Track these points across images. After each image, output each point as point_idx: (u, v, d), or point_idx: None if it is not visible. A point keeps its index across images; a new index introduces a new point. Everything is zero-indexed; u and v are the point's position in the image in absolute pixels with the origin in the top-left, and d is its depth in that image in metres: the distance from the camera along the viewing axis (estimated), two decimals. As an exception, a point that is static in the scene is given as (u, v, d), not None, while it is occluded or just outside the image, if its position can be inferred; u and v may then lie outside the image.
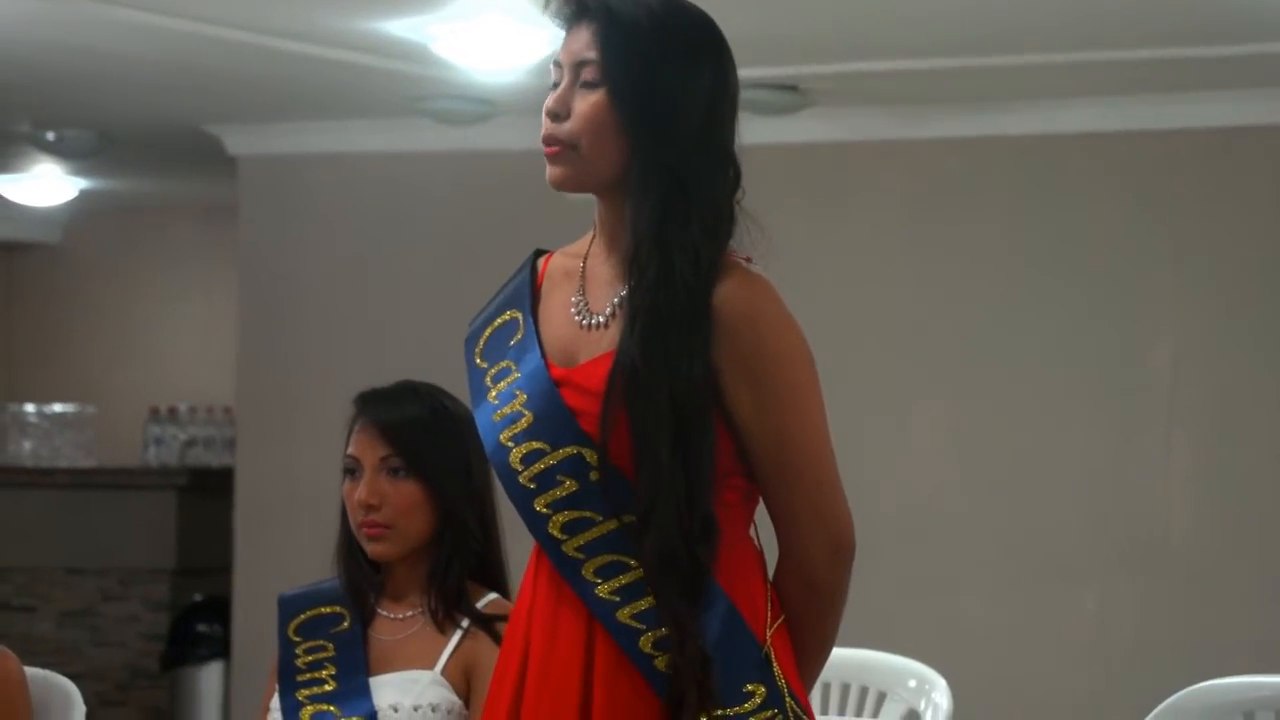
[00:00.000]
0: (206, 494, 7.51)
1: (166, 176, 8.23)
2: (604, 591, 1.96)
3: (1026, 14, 4.93)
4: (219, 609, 7.15)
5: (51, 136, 6.99)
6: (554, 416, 1.98)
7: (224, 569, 7.11)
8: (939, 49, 5.33)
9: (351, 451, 2.54)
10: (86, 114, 6.73)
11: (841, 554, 2.03)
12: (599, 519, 1.97)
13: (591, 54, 1.98)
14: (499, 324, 2.09)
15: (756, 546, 2.03)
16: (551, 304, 2.07)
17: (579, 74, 1.99)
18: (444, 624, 2.50)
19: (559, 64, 2.02)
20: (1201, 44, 5.17)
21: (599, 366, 1.99)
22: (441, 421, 2.53)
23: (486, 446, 2.04)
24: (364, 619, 2.53)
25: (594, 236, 2.08)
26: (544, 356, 2.02)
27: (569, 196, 2.08)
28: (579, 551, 1.97)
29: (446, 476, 2.51)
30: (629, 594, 1.95)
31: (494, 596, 2.56)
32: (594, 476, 1.97)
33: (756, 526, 2.03)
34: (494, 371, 2.06)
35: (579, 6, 2.01)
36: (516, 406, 2.01)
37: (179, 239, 9.42)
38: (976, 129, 6.13)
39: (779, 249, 2.13)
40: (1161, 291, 5.99)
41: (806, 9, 4.93)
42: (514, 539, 2.43)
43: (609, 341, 2.00)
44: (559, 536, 1.98)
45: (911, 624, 5.53)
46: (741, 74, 2.08)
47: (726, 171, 2.01)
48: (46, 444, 8.24)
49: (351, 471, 2.54)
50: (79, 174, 8.19)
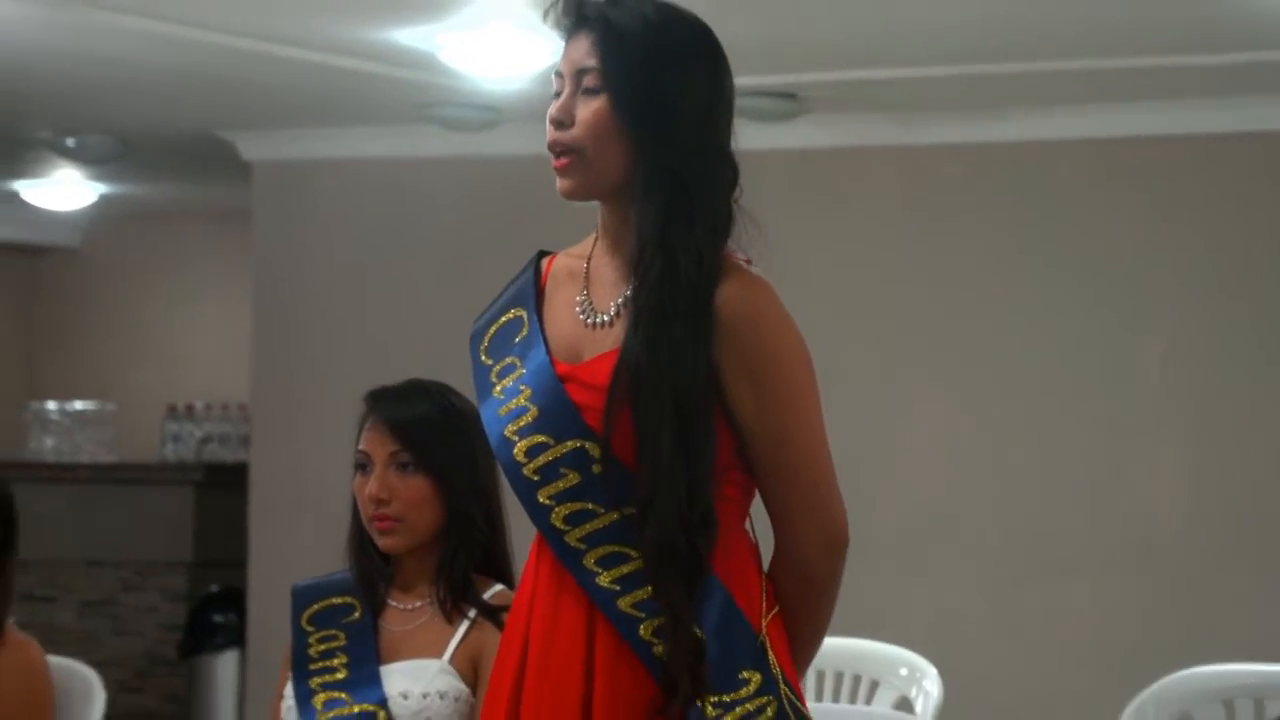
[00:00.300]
0: (222, 489, 7.52)
1: (183, 181, 8.23)
2: (605, 581, 1.96)
3: (1019, 23, 4.93)
4: (234, 599, 7.17)
5: (72, 143, 7.00)
6: (559, 411, 1.99)
7: (239, 561, 7.12)
8: (933, 57, 5.34)
9: (362, 447, 2.55)
10: (106, 121, 6.74)
11: (836, 548, 2.04)
12: (600, 510, 1.97)
13: (592, 62, 1.99)
14: (504, 322, 2.09)
15: (752, 539, 2.04)
16: (556, 303, 2.07)
17: (580, 81, 2.00)
18: (452, 614, 2.50)
19: (560, 73, 2.03)
20: (1189, 53, 5.17)
21: (604, 363, 1.99)
22: (449, 418, 2.54)
23: (491, 440, 2.05)
24: (374, 609, 2.54)
25: (596, 239, 2.08)
26: (549, 353, 2.02)
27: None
28: (581, 542, 1.98)
29: (454, 471, 2.52)
30: (629, 583, 1.96)
31: (500, 588, 2.56)
32: (596, 470, 1.97)
33: (752, 520, 2.04)
34: (499, 368, 2.06)
35: (578, 16, 2.01)
36: (521, 401, 2.02)
37: (195, 242, 9.43)
38: (971, 135, 6.13)
39: (778, 252, 2.14)
40: (1152, 293, 5.98)
41: (804, 19, 4.93)
42: (518, 531, 2.44)
43: (613, 339, 2.00)
44: (561, 527, 1.98)
45: (904, 616, 5.54)
46: (741, 82, 2.09)
47: (725, 172, 2.01)
48: (68, 440, 8.25)
49: (362, 467, 2.55)
50: (99, 179, 8.20)
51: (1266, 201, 5.88)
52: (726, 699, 1.93)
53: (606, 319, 2.02)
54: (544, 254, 2.15)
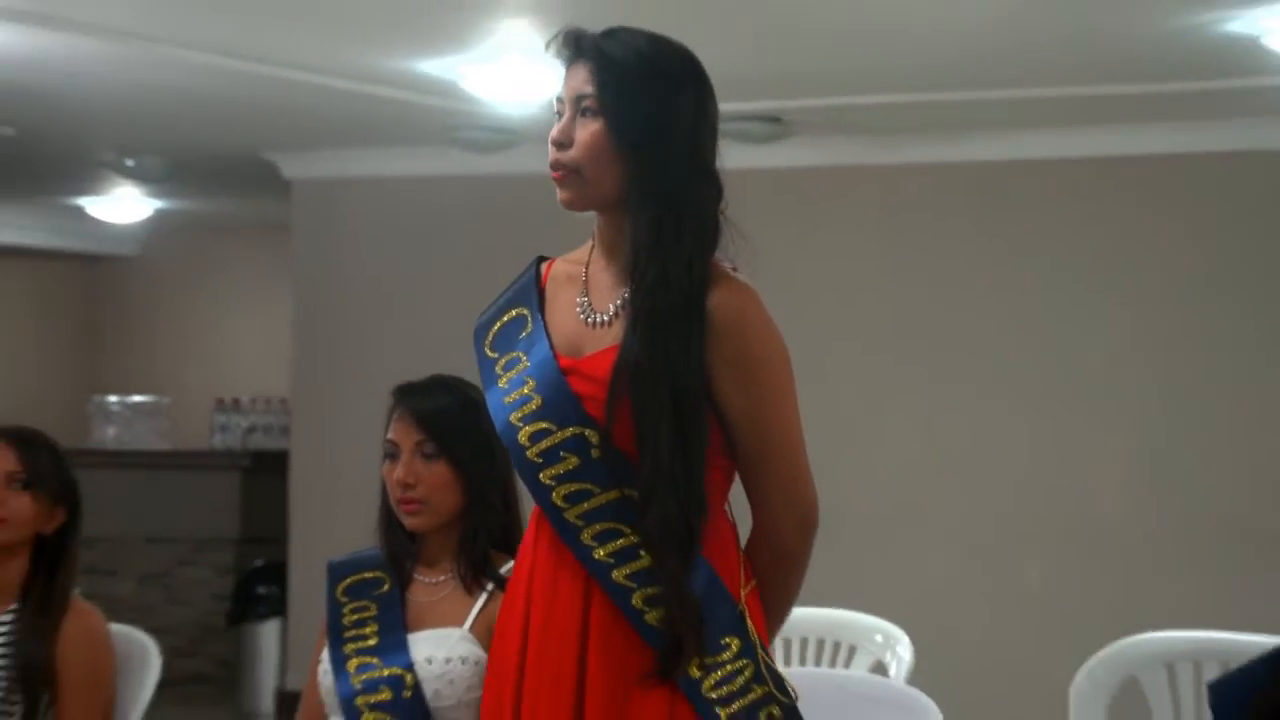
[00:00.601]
0: (265, 474, 7.52)
1: (229, 197, 8.24)
2: (600, 554, 1.96)
3: (980, 55, 4.94)
4: (277, 573, 7.17)
5: (130, 163, 7.00)
6: (561, 401, 1.98)
7: (281, 538, 7.12)
8: (904, 85, 5.34)
9: (390, 437, 2.54)
10: (161, 143, 6.74)
11: (808, 528, 2.03)
12: (597, 490, 1.97)
13: (589, 89, 1.98)
14: (507, 319, 2.09)
15: (731, 520, 2.03)
16: (557, 303, 2.07)
17: (579, 106, 1.99)
18: (472, 587, 2.50)
19: (561, 99, 2.02)
20: (1133, 81, 5.19)
21: (604, 358, 1.98)
22: (469, 411, 2.53)
23: (497, 425, 2.04)
24: (402, 583, 2.53)
25: (593, 246, 2.08)
26: (552, 348, 2.02)
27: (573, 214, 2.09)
28: (579, 519, 1.97)
29: (473, 458, 2.51)
30: (622, 557, 1.95)
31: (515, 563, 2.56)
32: (594, 454, 1.96)
33: (731, 502, 2.03)
34: (504, 360, 2.06)
35: (577, 48, 2.01)
36: (526, 391, 2.01)
37: (240, 251, 9.43)
38: (937, 155, 6.13)
39: (766, 261, 2.13)
40: (1099, 300, 5.99)
41: (788, 51, 4.93)
42: (526, 511, 2.44)
43: (612, 337, 2.00)
44: (561, 505, 1.98)
45: (879, 588, 5.54)
46: (731, 107, 2.08)
47: (711, 188, 2.00)
48: (127, 430, 8.26)
49: (391, 454, 2.54)
50: (154, 195, 8.20)
51: (1198, 216, 5.89)
52: (709, 661, 1.93)
53: (605, 319, 2.02)
54: (542, 259, 2.14)
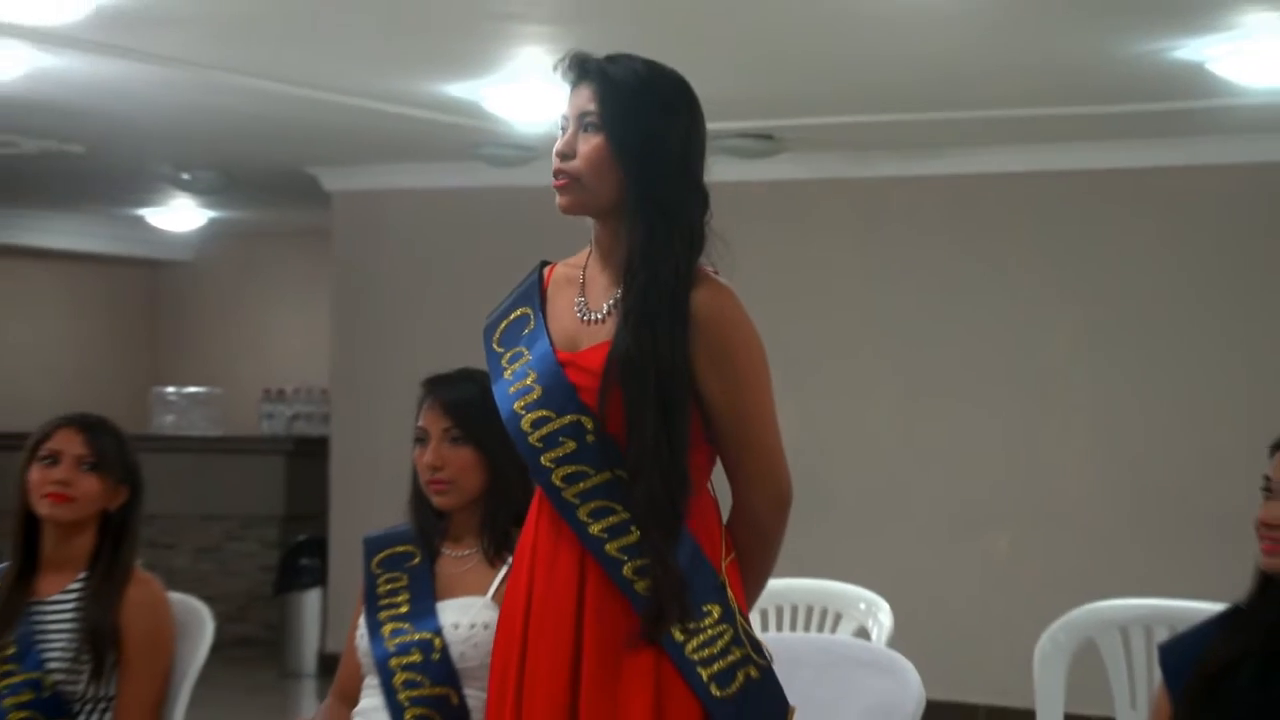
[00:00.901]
0: (308, 457, 7.52)
1: (275, 208, 8.24)
2: (595, 530, 1.95)
3: (953, 79, 4.93)
4: (318, 547, 7.17)
5: (186, 176, 7.01)
6: (559, 390, 1.98)
7: (321, 516, 7.13)
8: (884, 106, 5.33)
9: (421, 424, 2.54)
10: (214, 159, 6.75)
11: (782, 505, 2.02)
12: (591, 472, 1.96)
13: (592, 107, 1.98)
14: (513, 318, 2.08)
15: (713, 497, 2.03)
16: (557, 303, 2.06)
17: (582, 122, 1.99)
18: (494, 560, 2.49)
19: (565, 117, 2.02)
20: (1091, 103, 5.18)
21: (598, 352, 1.98)
22: (491, 400, 2.53)
23: (502, 413, 2.03)
24: (431, 556, 2.52)
25: (590, 251, 2.07)
26: (552, 344, 2.02)
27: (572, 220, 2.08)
28: (575, 498, 1.96)
29: (495, 444, 2.49)
30: (615, 532, 1.94)
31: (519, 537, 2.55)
32: (589, 439, 1.95)
33: (713, 482, 2.03)
34: (509, 355, 2.05)
35: (581, 70, 2.01)
36: (528, 382, 2.00)
37: (285, 257, 9.44)
38: (914, 170, 6.12)
39: (760, 261, 2.13)
40: (1061, 301, 5.98)
41: (780, 77, 4.93)
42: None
43: (606, 333, 1.99)
44: (559, 485, 1.97)
45: (863, 562, 5.53)
46: (727, 126, 2.08)
47: (699, 199, 2.00)
48: (184, 418, 8.27)
49: (421, 440, 2.53)
50: (208, 206, 8.21)
51: (1151, 225, 5.88)
52: (692, 626, 1.92)
53: (600, 316, 2.01)
54: (545, 263, 2.14)
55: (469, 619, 2.43)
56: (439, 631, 2.42)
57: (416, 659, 2.41)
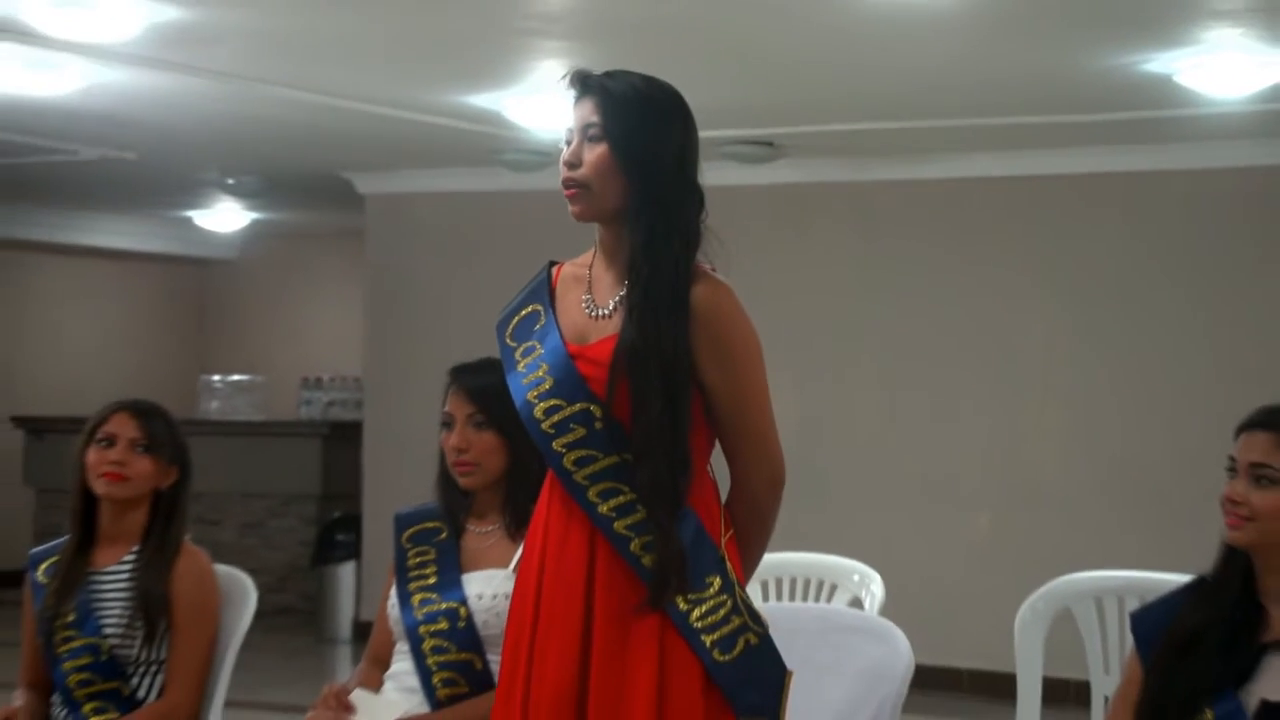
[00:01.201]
0: (343, 440, 7.53)
1: (313, 209, 8.25)
2: (604, 509, 1.96)
3: (941, 89, 4.92)
4: (352, 523, 7.18)
5: (230, 181, 7.02)
6: (570, 381, 1.98)
7: (355, 494, 7.14)
8: (878, 115, 5.32)
9: (447, 409, 2.53)
10: (256, 164, 6.76)
11: (776, 485, 2.02)
12: (600, 456, 1.96)
13: (595, 118, 1.99)
14: (524, 314, 2.09)
15: (713, 478, 2.03)
16: (566, 300, 2.07)
17: (586, 133, 2.00)
18: (515, 536, 2.49)
19: (570, 129, 2.03)
20: (1068, 112, 5.17)
21: (606, 345, 1.98)
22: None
23: (516, 403, 2.03)
24: (457, 532, 2.52)
25: (595, 252, 2.08)
26: (562, 338, 2.02)
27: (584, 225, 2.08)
28: (585, 480, 1.97)
29: (517, 428, 2.49)
30: (622, 511, 1.95)
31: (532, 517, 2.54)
32: (598, 425, 1.96)
33: (713, 465, 2.03)
34: (522, 349, 2.06)
35: (583, 85, 2.02)
36: (541, 374, 2.01)
37: (322, 255, 9.44)
38: (905, 174, 6.11)
39: (759, 259, 2.13)
40: (1040, 296, 5.97)
41: (779, 85, 4.92)
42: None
43: (613, 327, 1.99)
44: (570, 468, 1.98)
45: (856, 538, 5.54)
46: (729, 133, 2.08)
47: (695, 200, 2.00)
48: (229, 404, 8.28)
49: (447, 424, 2.53)
50: (250, 208, 8.22)
51: (1124, 226, 5.87)
52: (694, 597, 1.93)
53: (606, 312, 2.01)
54: (553, 263, 2.14)
55: (492, 590, 2.43)
56: (464, 601, 2.42)
57: (444, 627, 2.41)
